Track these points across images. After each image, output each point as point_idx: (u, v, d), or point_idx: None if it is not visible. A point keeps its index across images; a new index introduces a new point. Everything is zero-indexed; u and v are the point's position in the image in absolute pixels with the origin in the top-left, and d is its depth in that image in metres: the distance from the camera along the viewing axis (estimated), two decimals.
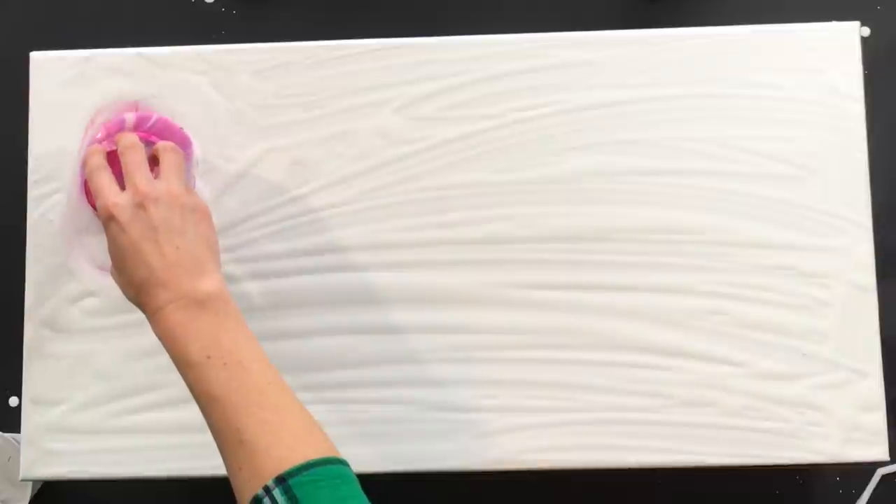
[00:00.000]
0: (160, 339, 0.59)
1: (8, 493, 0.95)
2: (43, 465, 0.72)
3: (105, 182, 0.62)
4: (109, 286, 0.72)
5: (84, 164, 0.65)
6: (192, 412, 0.71)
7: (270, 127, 0.74)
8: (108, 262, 0.72)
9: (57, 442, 0.72)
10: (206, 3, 1.06)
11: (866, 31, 1.02)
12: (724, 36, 0.73)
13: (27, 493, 0.94)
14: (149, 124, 0.72)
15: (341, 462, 0.54)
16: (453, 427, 0.70)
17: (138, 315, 0.72)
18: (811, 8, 1.02)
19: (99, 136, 0.71)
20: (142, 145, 0.64)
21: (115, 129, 0.71)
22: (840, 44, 0.73)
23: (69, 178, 0.72)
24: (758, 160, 0.72)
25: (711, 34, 0.73)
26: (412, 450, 0.70)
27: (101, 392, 0.72)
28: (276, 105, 0.74)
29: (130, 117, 0.72)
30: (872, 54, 0.94)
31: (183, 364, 0.57)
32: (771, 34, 0.73)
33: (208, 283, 0.59)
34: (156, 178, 0.63)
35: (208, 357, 0.56)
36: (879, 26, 1.02)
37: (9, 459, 0.95)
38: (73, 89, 0.74)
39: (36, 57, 0.75)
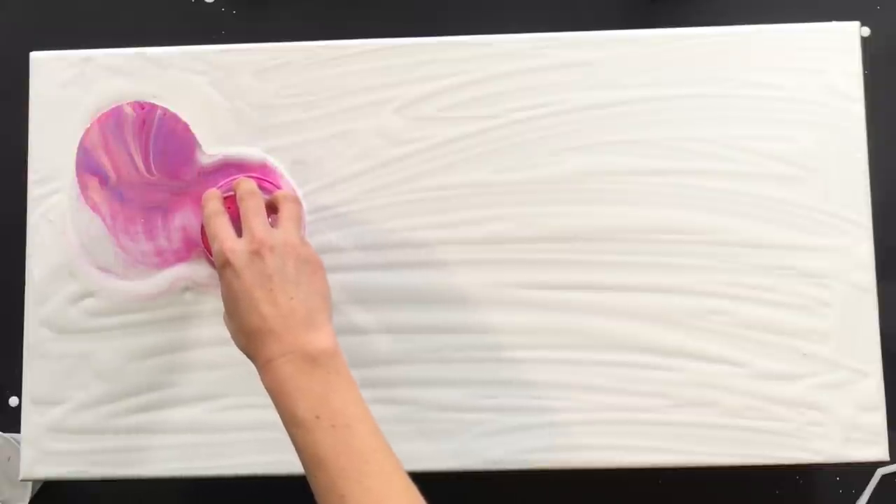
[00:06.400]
0: (268, 391, 0.57)
1: (8, 493, 0.95)
2: (43, 465, 0.72)
3: (222, 227, 0.62)
4: (109, 286, 0.73)
5: (202, 208, 0.64)
6: (192, 412, 0.72)
7: (270, 127, 0.74)
8: (109, 263, 0.73)
9: (57, 442, 0.72)
10: (206, 3, 1.06)
11: (866, 31, 1.02)
12: (724, 36, 0.73)
13: (27, 493, 0.94)
14: (155, 118, 0.72)
15: None
16: (453, 427, 0.70)
17: (138, 315, 0.72)
18: (811, 8, 1.02)
19: (88, 127, 0.71)
20: (260, 192, 0.64)
21: (111, 121, 0.71)
22: (840, 44, 0.73)
23: (69, 178, 0.72)
24: (758, 160, 0.72)
25: (711, 34, 0.73)
26: (412, 450, 0.70)
27: (101, 392, 0.72)
28: (276, 105, 0.74)
29: (129, 110, 0.72)
30: (872, 54, 0.95)
31: (290, 421, 0.56)
32: (771, 34, 0.73)
33: (321, 339, 0.58)
34: (273, 225, 0.62)
35: (317, 417, 0.55)
36: (879, 26, 1.02)
37: (9, 459, 0.95)
38: (73, 89, 0.74)
39: (36, 57, 0.75)
